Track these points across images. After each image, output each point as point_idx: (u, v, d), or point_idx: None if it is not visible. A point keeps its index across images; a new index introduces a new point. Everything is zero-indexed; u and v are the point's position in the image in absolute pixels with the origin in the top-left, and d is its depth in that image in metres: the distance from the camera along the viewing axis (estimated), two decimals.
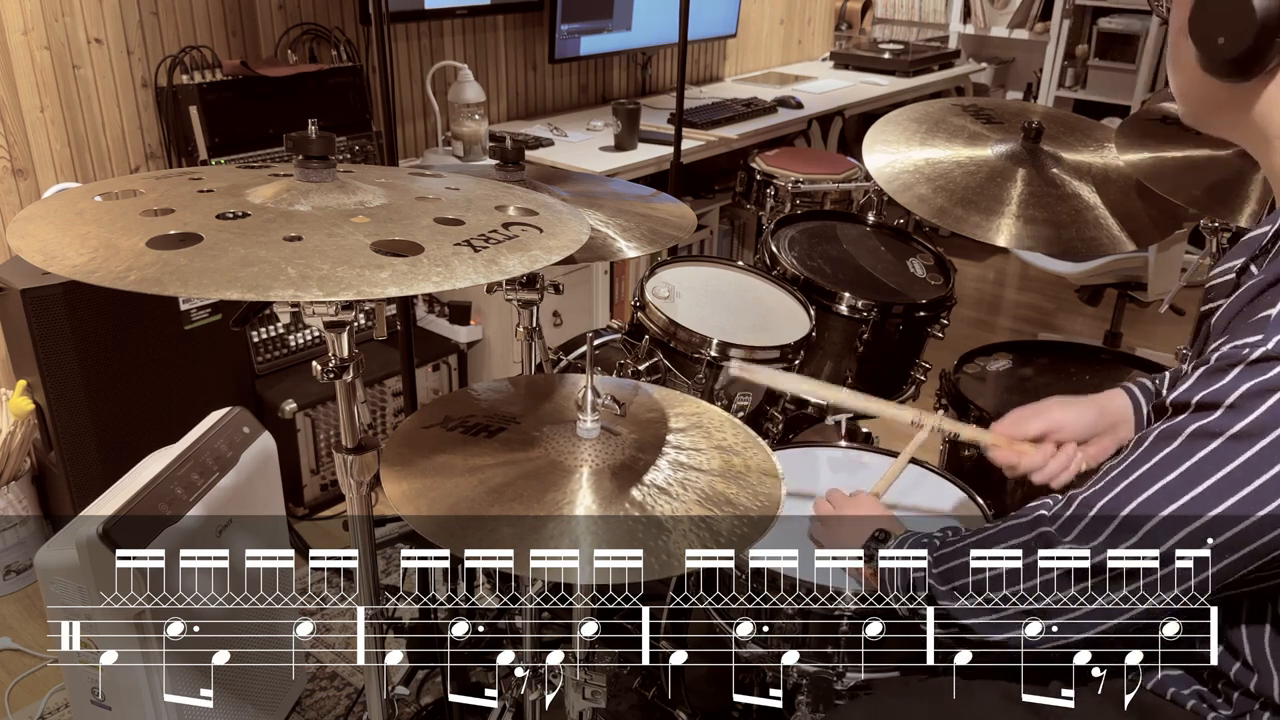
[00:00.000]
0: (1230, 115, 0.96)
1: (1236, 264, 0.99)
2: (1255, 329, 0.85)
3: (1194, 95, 0.99)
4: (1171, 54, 0.99)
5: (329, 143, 1.09)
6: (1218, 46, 0.90)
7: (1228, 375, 0.85)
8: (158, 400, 2.25)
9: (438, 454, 1.12)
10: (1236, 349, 0.85)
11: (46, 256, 0.91)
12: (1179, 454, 0.87)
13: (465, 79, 2.94)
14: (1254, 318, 0.86)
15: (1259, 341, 0.84)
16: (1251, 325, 0.86)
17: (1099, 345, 2.15)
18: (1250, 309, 0.88)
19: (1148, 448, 0.90)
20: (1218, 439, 0.85)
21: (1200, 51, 0.91)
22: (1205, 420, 0.86)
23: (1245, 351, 0.84)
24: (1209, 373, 0.87)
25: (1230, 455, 0.84)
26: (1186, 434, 0.87)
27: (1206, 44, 0.91)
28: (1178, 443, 0.87)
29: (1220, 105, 0.96)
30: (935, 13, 4.87)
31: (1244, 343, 0.85)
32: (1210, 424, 0.85)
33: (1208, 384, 0.86)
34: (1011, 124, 1.83)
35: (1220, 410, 0.85)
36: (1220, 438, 0.84)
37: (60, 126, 2.37)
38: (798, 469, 1.51)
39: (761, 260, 1.93)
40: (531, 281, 1.46)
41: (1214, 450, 0.85)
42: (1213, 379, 0.86)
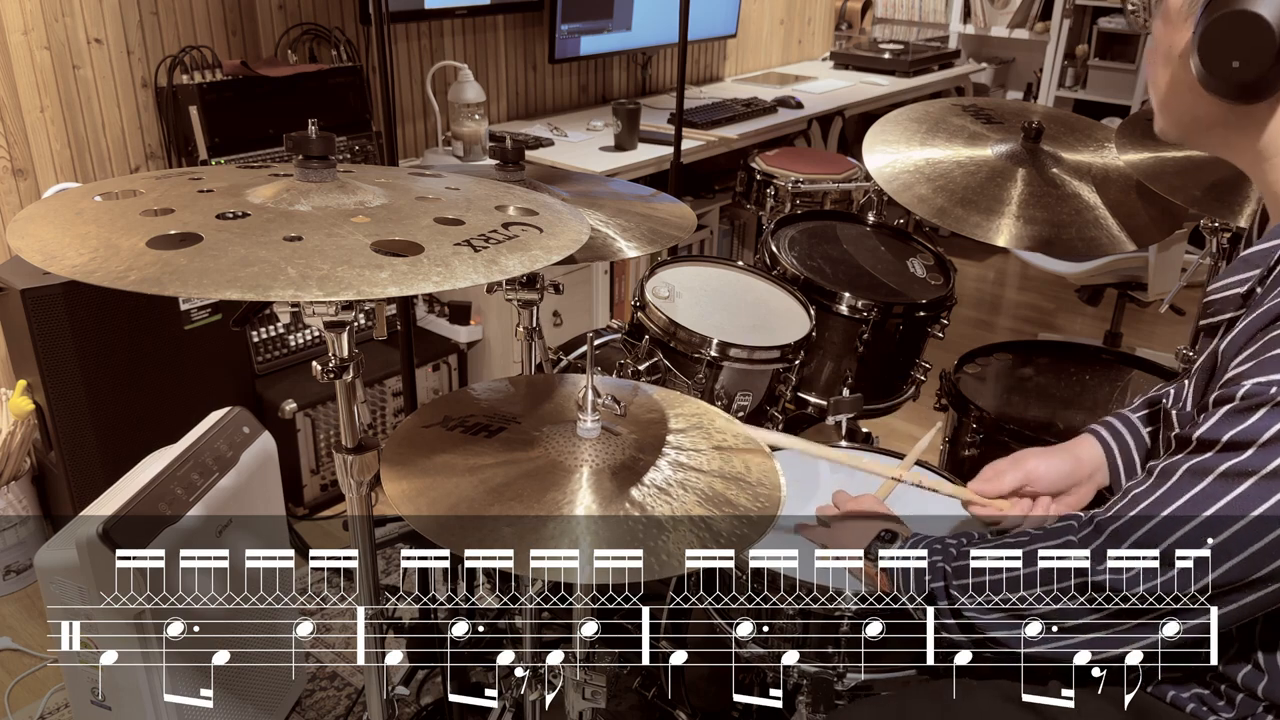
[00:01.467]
0: (1224, 134, 0.96)
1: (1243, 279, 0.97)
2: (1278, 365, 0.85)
3: (1185, 113, 0.98)
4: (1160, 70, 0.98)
5: (329, 143, 1.09)
6: (1230, 69, 0.89)
7: (1255, 415, 0.86)
8: (158, 400, 2.25)
9: (438, 454, 1.12)
10: (1262, 386, 0.86)
11: (46, 256, 0.90)
12: (1213, 491, 0.88)
13: (465, 79, 2.94)
14: (1275, 351, 0.86)
15: None
16: (1274, 361, 0.86)
17: (1099, 345, 2.15)
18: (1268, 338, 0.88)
19: (1179, 481, 0.90)
20: (1250, 479, 0.85)
21: (1209, 73, 0.90)
22: (1237, 459, 0.86)
23: (1272, 391, 0.85)
24: (1235, 411, 0.87)
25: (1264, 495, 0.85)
26: (1219, 471, 0.88)
27: (1218, 66, 0.89)
28: (1210, 479, 0.88)
29: (1215, 124, 0.96)
30: (935, 13, 4.87)
31: (1269, 380, 0.85)
32: (1242, 463, 0.86)
33: (1235, 423, 0.87)
34: (1011, 124, 1.83)
35: (1252, 450, 0.86)
36: (1253, 478, 0.85)
37: (60, 126, 2.37)
38: (798, 469, 1.51)
39: (761, 260, 1.93)
40: (531, 281, 1.46)
41: (1248, 489, 0.86)
42: (1240, 418, 0.87)
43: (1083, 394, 1.85)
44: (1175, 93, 0.97)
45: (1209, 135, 0.99)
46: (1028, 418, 1.75)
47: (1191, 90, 0.93)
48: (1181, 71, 0.94)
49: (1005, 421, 1.72)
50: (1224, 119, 0.94)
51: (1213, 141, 1.00)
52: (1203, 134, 0.99)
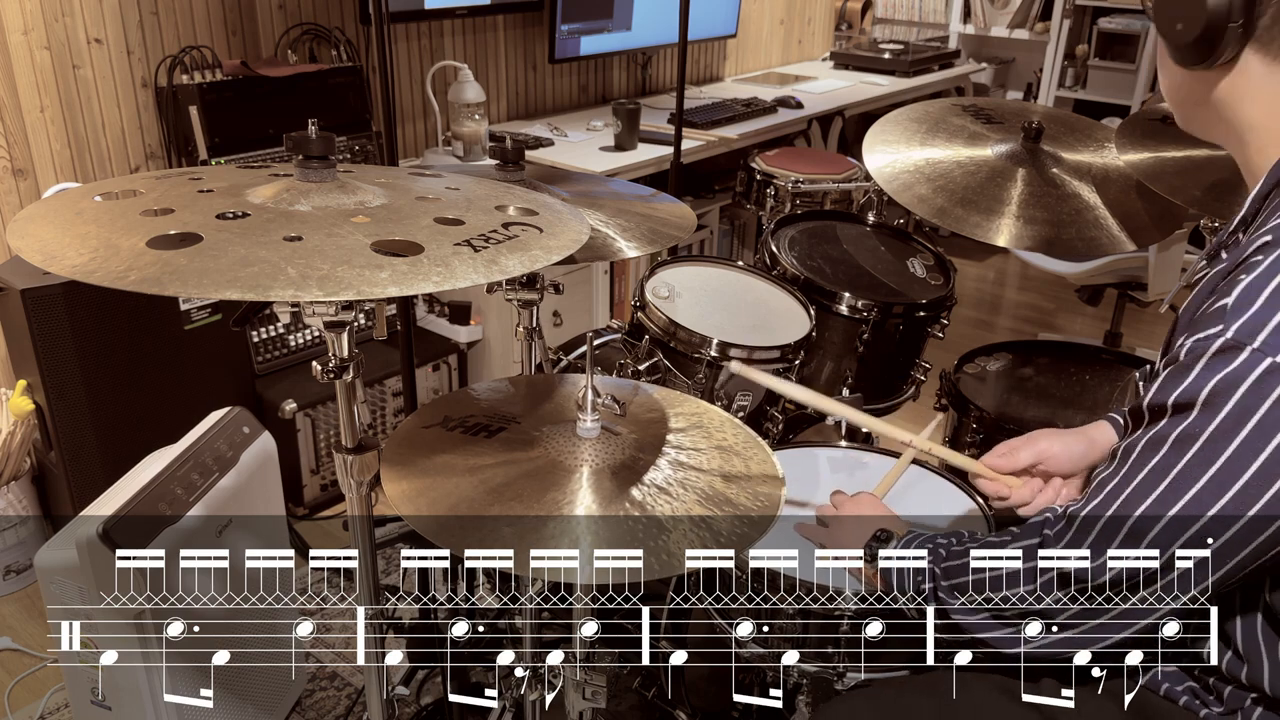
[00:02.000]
0: (1205, 111, 0.97)
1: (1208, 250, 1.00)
2: (1215, 319, 0.85)
3: (1172, 92, 1.00)
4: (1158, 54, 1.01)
5: (329, 143, 1.09)
6: (1176, 32, 0.91)
7: (1194, 370, 0.86)
8: (158, 400, 2.25)
9: (438, 454, 1.12)
10: (1200, 342, 0.86)
11: (46, 256, 0.91)
12: (1168, 460, 0.88)
13: (465, 79, 2.94)
14: (1214, 306, 0.86)
15: (1219, 332, 0.84)
16: (1211, 315, 0.86)
17: (1099, 345, 2.15)
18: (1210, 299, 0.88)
19: (1138, 457, 0.90)
20: (1199, 441, 0.85)
21: (1164, 39, 0.93)
22: (1185, 423, 0.86)
23: (1209, 343, 0.85)
24: (1177, 369, 0.87)
25: (1214, 455, 0.84)
26: (1171, 440, 0.87)
27: (1169, 31, 0.92)
28: (1165, 450, 0.88)
29: (1196, 100, 0.97)
30: (935, 13, 4.87)
31: (1206, 334, 0.85)
32: (1189, 426, 0.86)
33: (1178, 382, 0.87)
34: (1011, 124, 1.83)
35: (1196, 410, 0.85)
36: (1200, 439, 0.85)
37: (60, 126, 2.37)
38: (798, 469, 1.51)
39: (761, 260, 1.93)
40: (531, 281, 1.46)
41: (1198, 453, 0.85)
42: (1181, 376, 0.87)
43: (1083, 394, 1.85)
44: (1165, 72, 1.00)
45: (1198, 113, 1.00)
46: (1028, 418, 1.75)
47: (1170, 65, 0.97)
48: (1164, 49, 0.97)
49: (1005, 421, 1.72)
50: (1201, 93, 0.96)
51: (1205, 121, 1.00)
52: (1193, 112, 1.01)
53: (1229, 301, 0.85)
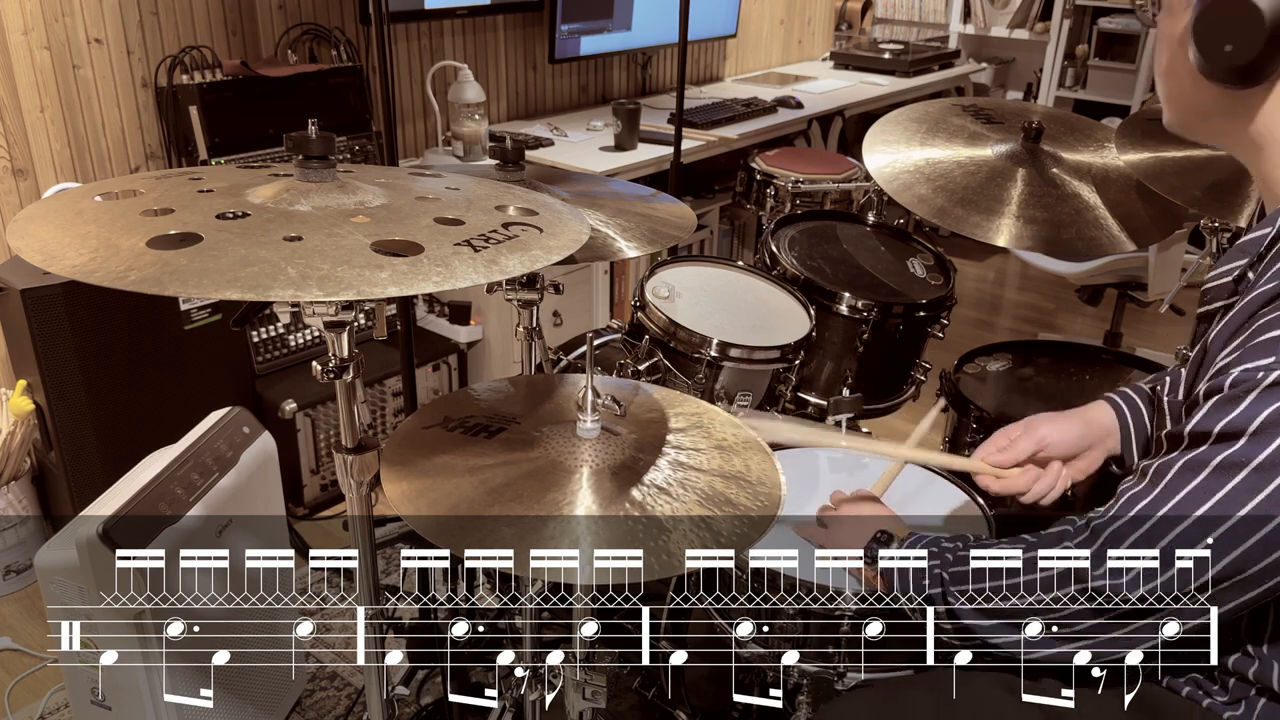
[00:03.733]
0: (1221, 123, 0.97)
1: (1233, 267, 0.98)
2: (1265, 350, 0.85)
3: (1185, 101, 0.99)
4: (1163, 60, 0.99)
5: (329, 143, 1.09)
6: (1224, 54, 0.89)
7: (1244, 402, 0.85)
8: (158, 400, 2.25)
9: (438, 454, 1.12)
10: (1249, 373, 0.85)
11: (46, 256, 0.90)
12: (1208, 485, 0.87)
13: (465, 79, 2.94)
14: (1262, 337, 0.86)
15: (1272, 365, 0.84)
16: (1261, 346, 0.86)
17: (1099, 345, 2.15)
18: (1255, 325, 0.88)
19: (1174, 478, 0.90)
20: (1243, 470, 0.85)
21: (1203, 58, 0.91)
22: (1229, 451, 0.86)
23: (1260, 376, 0.84)
24: (1224, 400, 0.87)
25: (1260, 485, 0.84)
26: (1213, 465, 0.87)
27: (1211, 51, 0.90)
28: (1205, 474, 0.87)
29: (1213, 113, 0.97)
30: (935, 13, 4.87)
31: (1257, 365, 0.85)
32: (1234, 455, 0.86)
33: (1225, 412, 0.86)
34: (1011, 124, 1.83)
35: (1242, 440, 0.85)
36: (1246, 469, 0.85)
37: (60, 126, 2.37)
38: (798, 469, 1.51)
39: (761, 260, 1.93)
40: (531, 281, 1.46)
41: (1241, 481, 0.85)
42: (1229, 406, 0.86)
43: (1083, 394, 1.85)
44: (1176, 81, 0.98)
45: (1208, 124, 0.99)
46: (1025, 417, 1.75)
47: (1190, 77, 0.94)
48: (1181, 59, 0.95)
49: (1005, 421, 1.71)
50: (1221, 107, 0.95)
51: (1212, 131, 1.00)
52: (1202, 123, 1.00)
53: None
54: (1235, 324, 0.92)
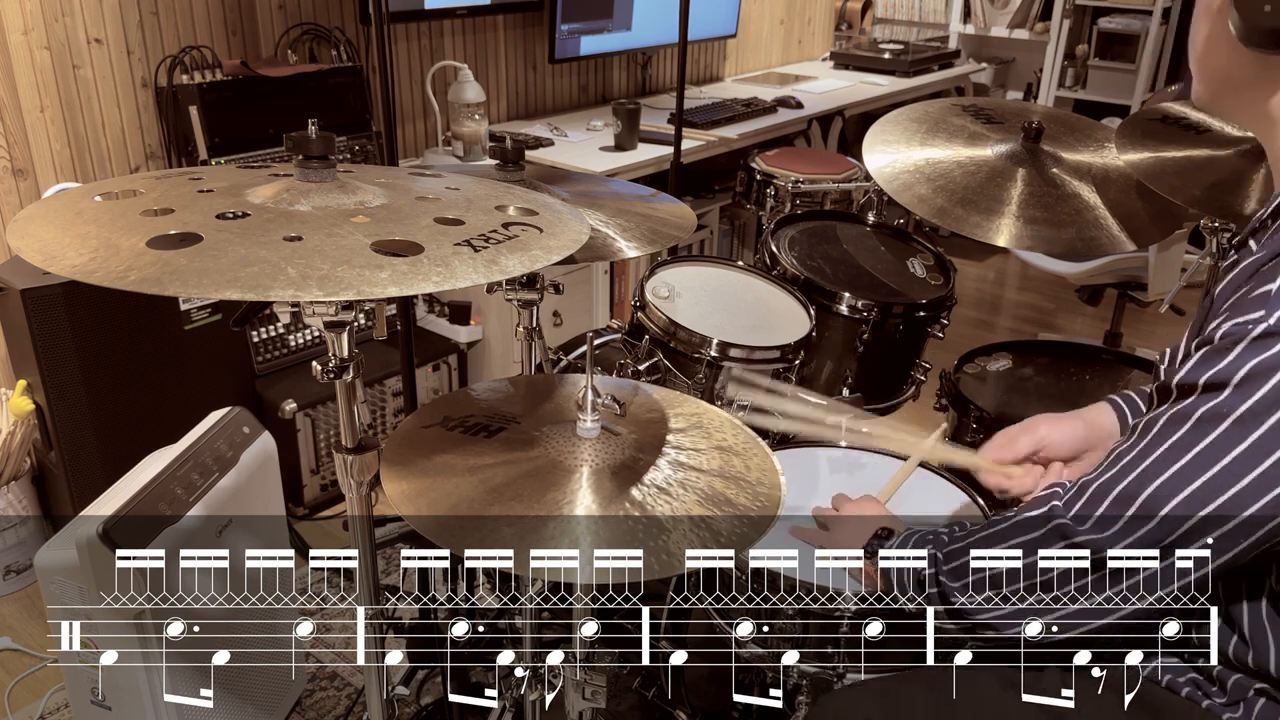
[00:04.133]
0: (1249, 94, 0.96)
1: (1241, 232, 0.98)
2: (1257, 304, 0.85)
3: (1218, 71, 0.98)
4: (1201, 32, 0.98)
5: (329, 143, 1.09)
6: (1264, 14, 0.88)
7: (1231, 353, 0.85)
8: (158, 400, 2.25)
9: (438, 454, 1.12)
10: (1239, 325, 0.85)
11: (46, 256, 0.91)
12: (1190, 438, 0.87)
13: (465, 79, 2.94)
14: (1255, 292, 0.86)
15: (1261, 317, 0.84)
16: (1253, 300, 0.86)
17: (1099, 345, 2.15)
18: (1251, 284, 0.88)
19: (1159, 431, 0.90)
20: (1225, 421, 0.85)
21: (1243, 21, 0.90)
22: (1213, 402, 0.86)
23: (1249, 328, 0.84)
24: (1213, 351, 0.87)
25: (1236, 439, 0.84)
26: (1196, 417, 0.87)
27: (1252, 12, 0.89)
28: (1188, 426, 0.88)
29: (1243, 83, 0.96)
30: (935, 13, 4.87)
31: (1247, 319, 0.85)
32: (1218, 406, 0.85)
33: (1213, 363, 0.86)
34: (1011, 124, 1.83)
35: (1227, 390, 0.85)
36: (1227, 420, 0.85)
37: (60, 126, 2.37)
38: (798, 469, 1.51)
39: (761, 260, 1.93)
40: (531, 281, 1.46)
41: (1222, 433, 0.85)
42: (1217, 358, 0.86)
43: (1083, 394, 1.85)
44: (1212, 49, 0.97)
45: (1236, 96, 0.98)
46: (1028, 418, 1.75)
47: (1228, 45, 0.93)
48: (1219, 27, 0.94)
49: (1005, 421, 1.70)
50: (1253, 77, 0.94)
51: (1238, 103, 0.99)
52: (1230, 95, 0.99)
53: (1272, 288, 0.84)
54: (1233, 286, 0.92)
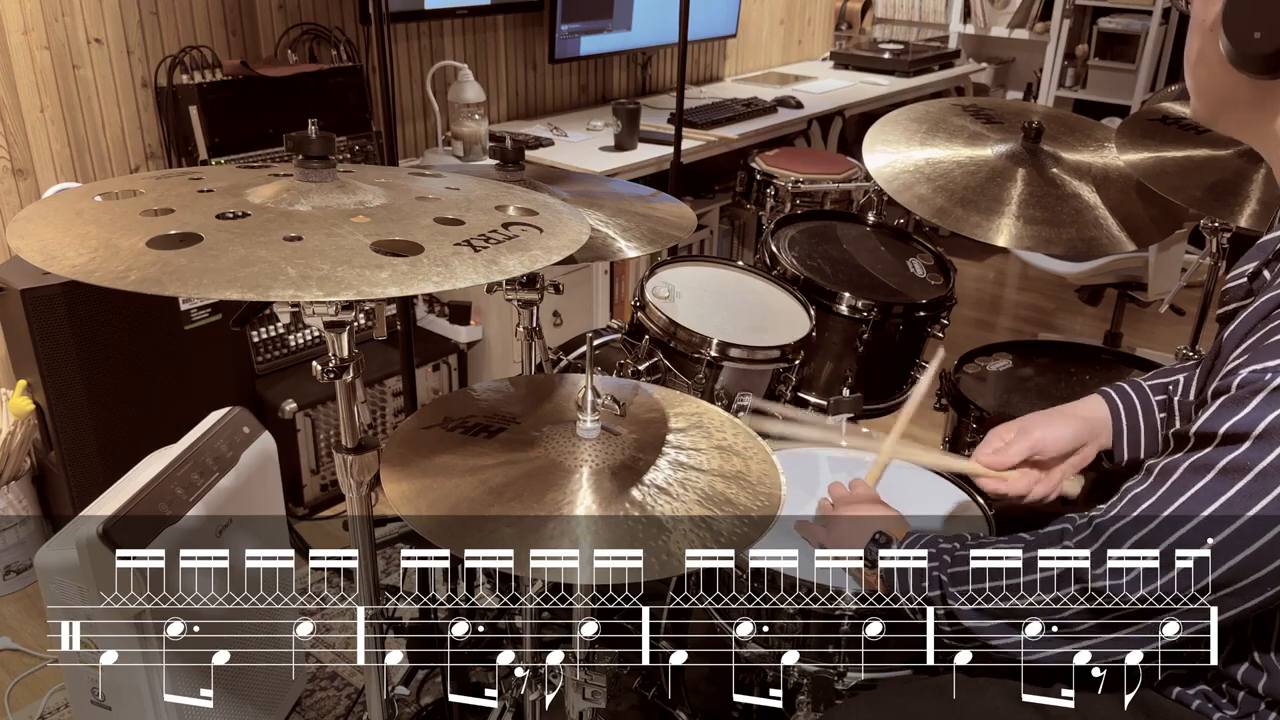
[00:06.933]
0: (1246, 113, 0.96)
1: (1250, 268, 0.97)
2: (1275, 351, 0.84)
3: (1213, 91, 0.98)
4: (1194, 48, 0.98)
5: (329, 143, 1.09)
6: (1253, 41, 0.88)
7: (1251, 403, 0.84)
8: (158, 400, 2.25)
9: (438, 454, 1.12)
10: (1258, 374, 0.84)
11: (46, 256, 0.90)
12: (1212, 489, 0.86)
13: (465, 79, 2.94)
14: (1273, 339, 0.85)
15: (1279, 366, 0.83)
16: (1271, 348, 0.85)
17: (1099, 345, 2.15)
18: (1267, 326, 0.87)
19: (1179, 479, 0.89)
20: (1249, 474, 0.84)
21: (1233, 46, 0.90)
22: (1235, 454, 0.85)
23: (1268, 377, 0.84)
24: (1231, 400, 0.86)
25: (1264, 490, 0.83)
26: (1218, 469, 0.86)
27: (1241, 38, 0.89)
28: (1210, 477, 0.87)
29: (1239, 103, 0.95)
30: (935, 13, 4.87)
31: (1265, 367, 0.84)
32: (1240, 458, 0.85)
33: (1231, 413, 0.86)
34: (1011, 124, 1.83)
35: (1247, 444, 0.84)
36: (1250, 474, 0.84)
37: (60, 126, 2.37)
38: (798, 469, 1.51)
39: (761, 260, 1.93)
40: (531, 281, 1.46)
41: (1247, 486, 0.84)
42: (1236, 407, 0.85)
43: (1083, 394, 1.84)
44: (1204, 68, 0.97)
45: (1234, 115, 0.98)
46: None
47: (1220, 66, 0.93)
48: (1211, 47, 0.94)
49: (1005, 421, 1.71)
50: (1248, 97, 0.94)
51: (1237, 122, 0.99)
52: (1228, 113, 0.99)
53: None
54: (1248, 325, 0.91)
